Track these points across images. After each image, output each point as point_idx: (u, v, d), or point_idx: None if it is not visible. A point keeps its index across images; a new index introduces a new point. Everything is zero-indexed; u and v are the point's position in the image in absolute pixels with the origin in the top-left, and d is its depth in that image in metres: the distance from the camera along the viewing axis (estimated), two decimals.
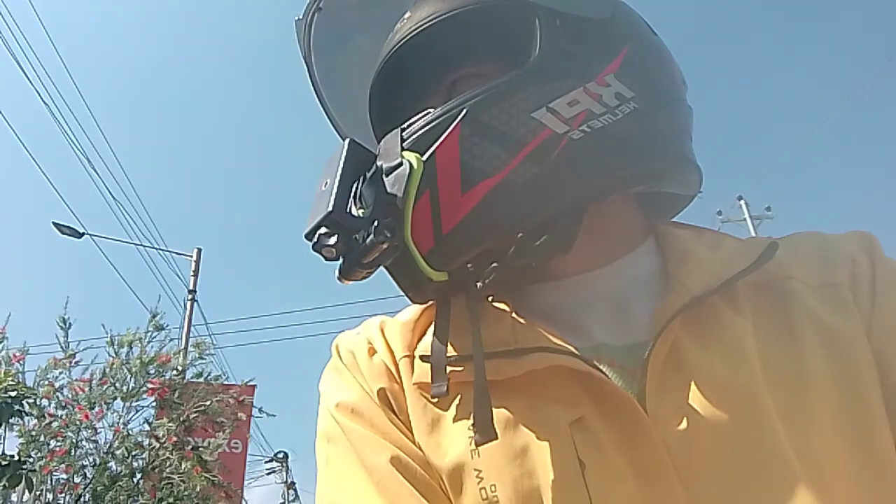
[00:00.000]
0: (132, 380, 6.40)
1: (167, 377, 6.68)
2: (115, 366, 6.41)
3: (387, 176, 0.51)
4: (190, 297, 10.32)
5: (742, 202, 15.90)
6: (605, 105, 0.53)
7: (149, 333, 6.78)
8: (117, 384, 6.34)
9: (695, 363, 0.49)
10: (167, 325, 7.03)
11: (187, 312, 10.04)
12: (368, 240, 0.47)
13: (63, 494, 5.91)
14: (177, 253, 10.86)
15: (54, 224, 9.40)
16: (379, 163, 0.52)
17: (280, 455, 19.17)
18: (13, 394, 4.77)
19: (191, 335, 9.32)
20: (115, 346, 6.54)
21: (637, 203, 0.63)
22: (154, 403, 6.58)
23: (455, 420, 0.51)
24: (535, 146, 0.51)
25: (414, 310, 0.62)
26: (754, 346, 0.49)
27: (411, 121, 0.54)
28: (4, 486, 4.86)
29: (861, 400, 0.47)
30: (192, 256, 10.83)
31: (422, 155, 0.51)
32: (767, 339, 0.50)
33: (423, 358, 0.54)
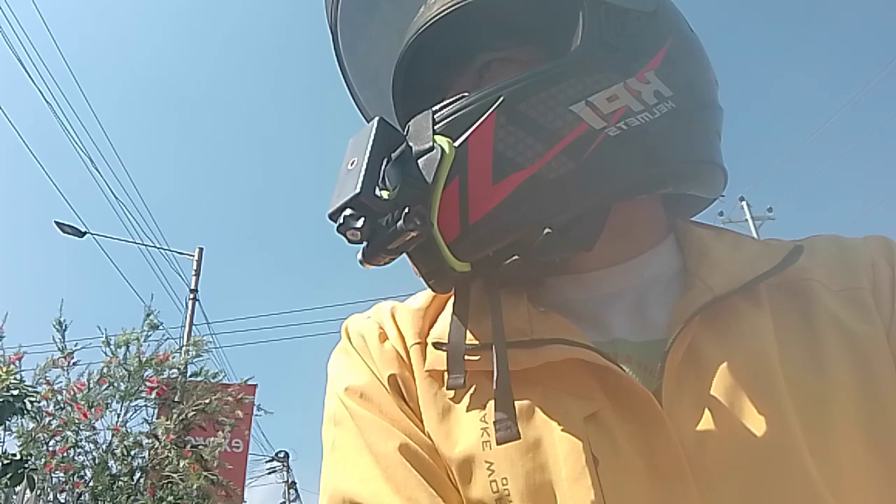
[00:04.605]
0: (130, 379, 6.40)
1: (165, 376, 6.69)
2: (112, 365, 6.42)
3: (417, 159, 0.49)
4: (192, 296, 10.31)
5: (744, 203, 15.87)
6: (644, 103, 0.52)
7: (144, 332, 6.78)
8: (115, 384, 6.35)
9: (713, 361, 0.48)
10: (162, 324, 7.04)
11: (189, 312, 10.03)
12: (398, 225, 0.45)
13: (63, 493, 5.92)
14: (179, 252, 10.87)
15: (56, 223, 9.40)
16: (408, 144, 0.50)
17: (281, 455, 19.19)
18: (15, 392, 4.78)
19: (192, 335, 9.31)
20: (112, 346, 6.54)
21: (660, 202, 0.62)
22: (154, 402, 6.59)
23: (468, 410, 0.51)
24: (571, 140, 0.50)
25: (425, 296, 0.61)
26: (775, 346, 0.49)
27: (444, 103, 0.53)
28: (7, 484, 4.87)
29: (881, 403, 0.47)
30: (193, 256, 10.83)
31: (454, 140, 0.50)
32: (788, 340, 0.50)
33: (436, 345, 0.53)
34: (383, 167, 0.48)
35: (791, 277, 0.53)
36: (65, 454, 5.85)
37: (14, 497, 5.76)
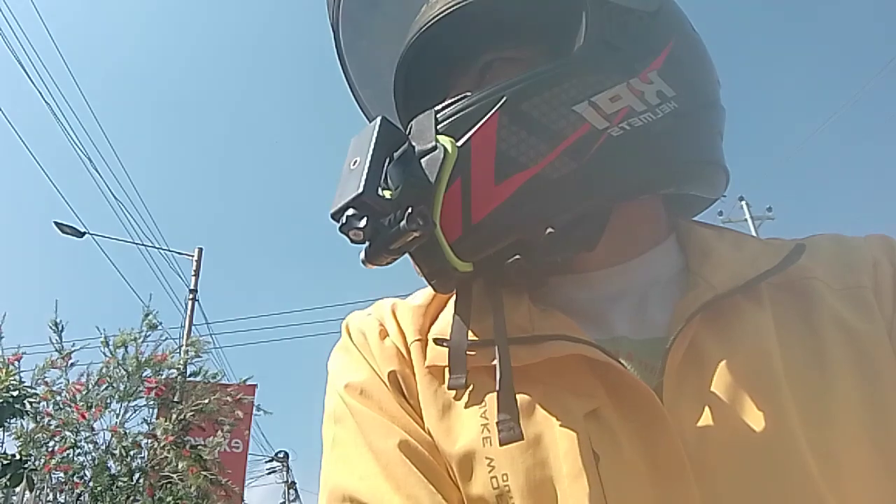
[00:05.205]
0: (128, 379, 6.40)
1: (164, 376, 6.68)
2: (111, 365, 6.41)
3: (419, 159, 0.49)
4: (191, 296, 10.31)
5: (743, 203, 15.86)
6: (647, 103, 0.52)
7: (143, 332, 6.78)
8: (114, 384, 6.35)
9: (715, 359, 0.48)
10: (161, 324, 7.03)
11: (188, 312, 10.03)
12: (401, 225, 0.45)
13: (63, 494, 5.92)
14: (178, 252, 10.87)
15: (55, 223, 9.40)
16: (411, 144, 0.50)
17: (280, 455, 19.20)
18: (15, 393, 4.78)
19: (192, 335, 9.31)
20: (111, 347, 6.54)
21: (662, 201, 0.62)
22: (153, 402, 6.59)
23: (467, 406, 0.51)
24: (574, 141, 0.50)
25: (426, 293, 0.61)
26: (776, 344, 0.49)
27: (446, 103, 0.53)
28: (6, 484, 4.87)
29: (883, 402, 0.47)
30: (193, 256, 10.83)
31: (456, 140, 0.50)
32: (789, 338, 0.50)
33: (436, 341, 0.53)
34: (386, 167, 0.48)
35: (793, 276, 0.54)
36: (64, 454, 5.85)
37: (13, 497, 5.76)
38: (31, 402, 5.27)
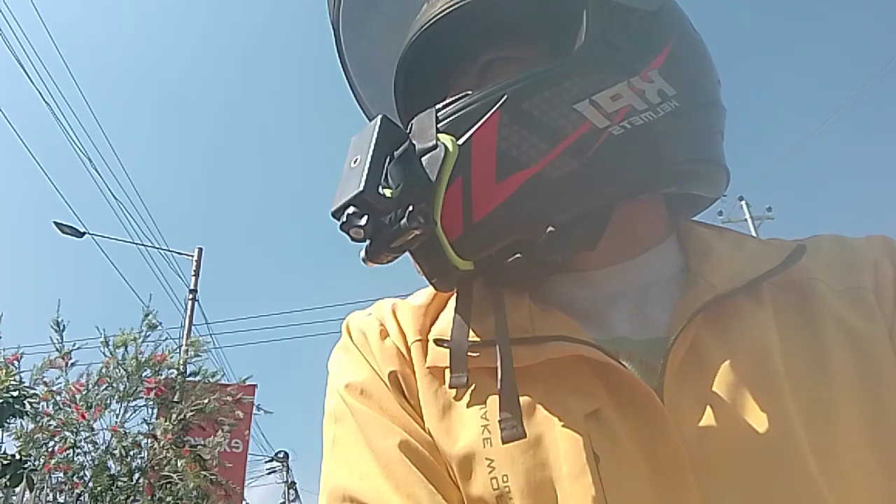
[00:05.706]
0: (128, 380, 6.40)
1: (163, 376, 6.68)
2: (110, 366, 6.41)
3: (420, 157, 0.49)
4: (191, 296, 10.31)
5: (743, 203, 15.85)
6: (648, 102, 0.52)
7: (142, 333, 6.78)
8: (114, 384, 6.35)
9: (715, 359, 0.48)
10: (161, 324, 7.03)
11: (188, 312, 10.03)
12: (401, 224, 0.45)
13: (62, 494, 5.92)
14: (178, 252, 10.86)
15: (55, 223, 9.40)
16: (412, 142, 0.50)
17: (280, 455, 19.20)
18: (15, 393, 4.78)
19: (192, 335, 9.31)
20: (111, 347, 6.54)
21: (662, 201, 0.62)
22: (152, 402, 6.59)
23: (468, 406, 0.51)
24: (575, 139, 0.50)
25: (426, 293, 0.61)
26: (777, 344, 0.49)
27: (447, 101, 0.53)
28: (6, 484, 4.87)
29: (884, 402, 0.47)
30: (193, 256, 10.83)
31: (457, 139, 0.50)
32: (790, 338, 0.50)
33: (437, 342, 0.53)
34: (386, 165, 0.48)
35: (793, 276, 0.54)
36: (64, 454, 5.85)
37: (13, 497, 5.76)
38: (30, 403, 5.27)
